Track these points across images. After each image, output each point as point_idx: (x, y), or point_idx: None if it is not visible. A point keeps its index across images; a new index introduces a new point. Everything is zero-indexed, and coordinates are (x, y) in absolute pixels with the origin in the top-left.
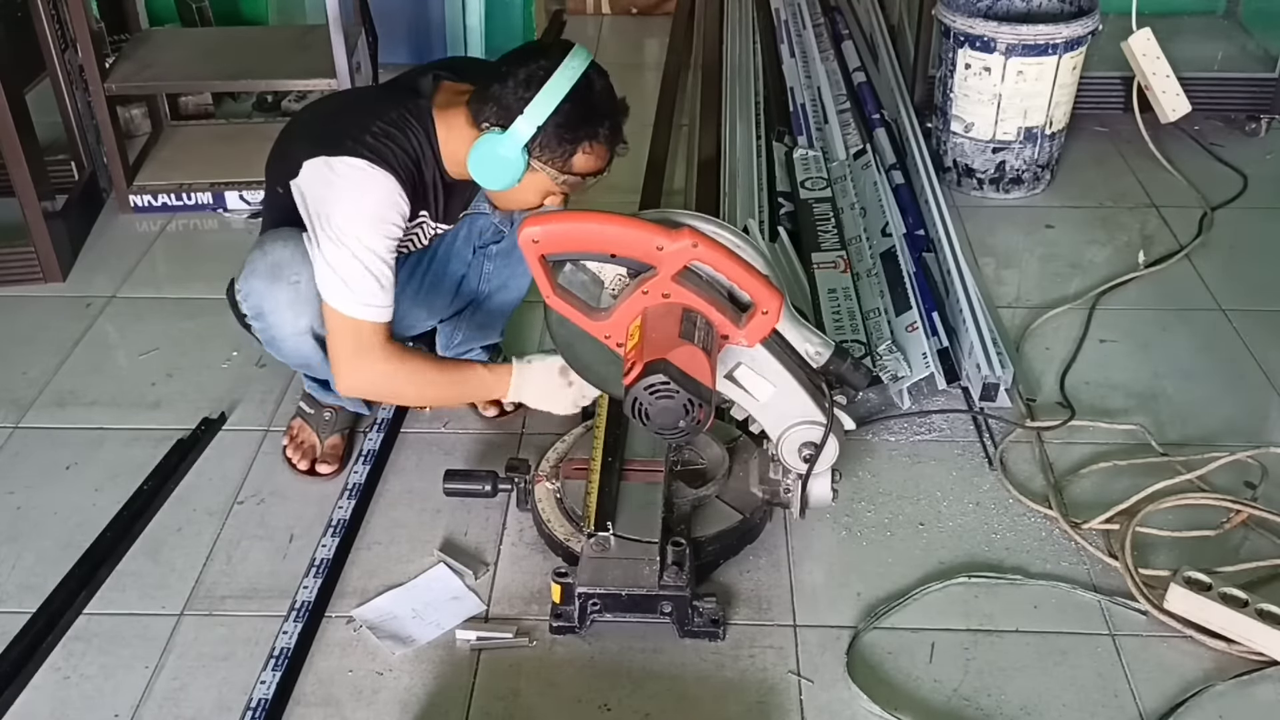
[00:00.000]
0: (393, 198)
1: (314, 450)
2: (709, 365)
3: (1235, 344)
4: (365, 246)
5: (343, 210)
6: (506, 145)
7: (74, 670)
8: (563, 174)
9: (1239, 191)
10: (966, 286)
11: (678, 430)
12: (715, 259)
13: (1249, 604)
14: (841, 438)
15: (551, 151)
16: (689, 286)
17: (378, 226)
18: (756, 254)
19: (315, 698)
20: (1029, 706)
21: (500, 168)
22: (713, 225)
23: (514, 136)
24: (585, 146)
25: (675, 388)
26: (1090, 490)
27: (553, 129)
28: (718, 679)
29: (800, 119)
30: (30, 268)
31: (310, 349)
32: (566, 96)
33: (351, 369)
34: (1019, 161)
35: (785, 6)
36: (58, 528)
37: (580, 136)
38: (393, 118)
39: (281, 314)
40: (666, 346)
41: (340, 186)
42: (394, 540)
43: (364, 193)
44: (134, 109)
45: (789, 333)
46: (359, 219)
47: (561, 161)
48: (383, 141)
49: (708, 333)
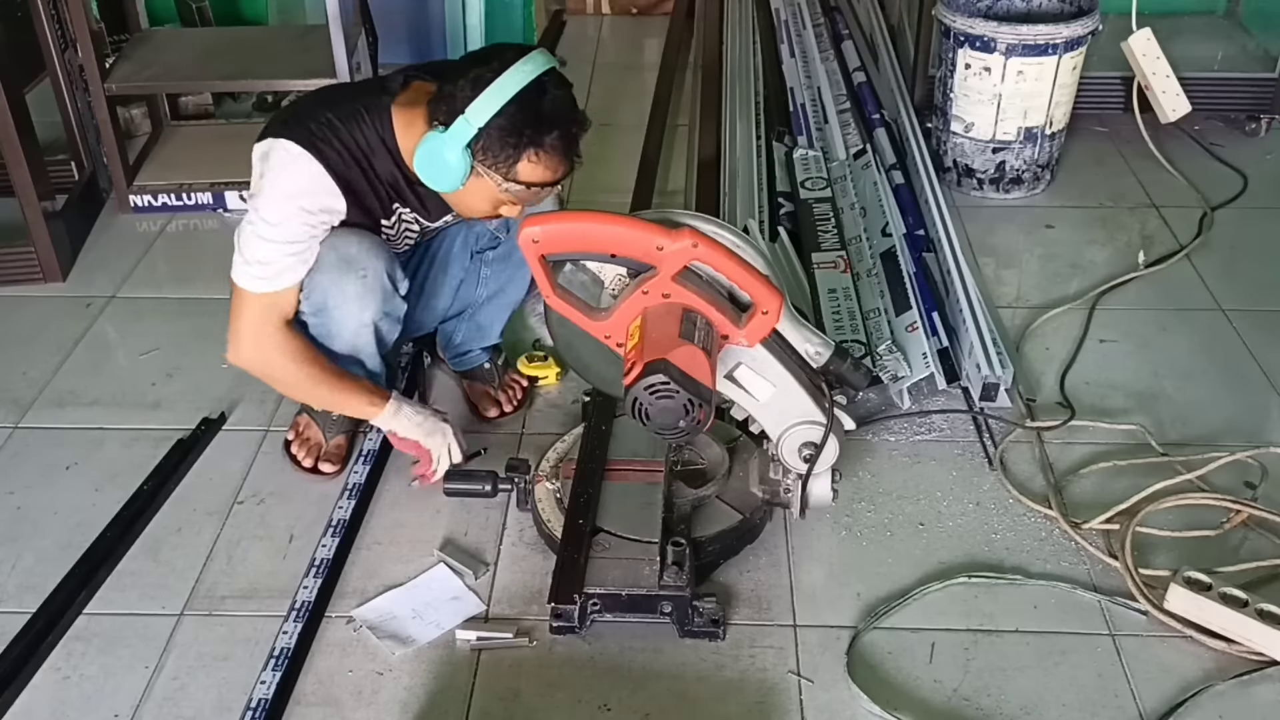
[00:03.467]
0: (315, 184)
1: (319, 448)
2: (709, 365)
3: (1235, 344)
4: (272, 225)
5: (266, 189)
6: (448, 144)
7: (74, 670)
8: (506, 180)
9: (1239, 191)
10: (966, 286)
11: (678, 430)
12: (715, 259)
13: (1249, 604)
14: (841, 438)
15: (494, 155)
16: (689, 286)
17: (293, 210)
18: (756, 254)
19: (315, 698)
20: (1029, 706)
21: (441, 167)
22: (713, 225)
23: (455, 136)
24: (530, 154)
25: (675, 388)
26: (1090, 490)
27: (495, 131)
28: (718, 679)
29: (800, 119)
30: (30, 268)
31: (366, 340)
32: (513, 99)
33: (242, 341)
34: (1019, 161)
35: (785, 6)
36: (58, 528)
37: (524, 142)
38: (344, 110)
39: (348, 307)
40: (667, 346)
41: (268, 166)
42: (394, 540)
43: (286, 176)
44: (134, 109)
45: (789, 333)
46: (275, 199)
47: (505, 167)
48: (324, 129)
49: (708, 333)
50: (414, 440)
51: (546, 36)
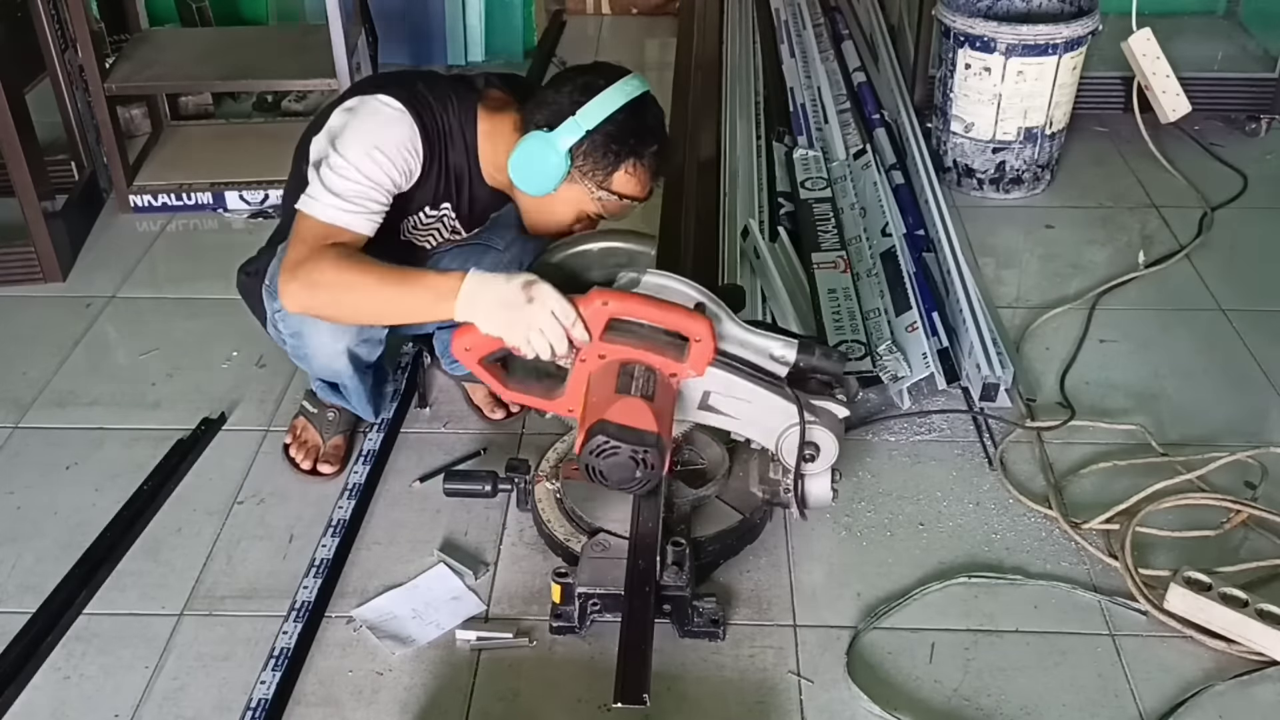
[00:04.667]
0: (406, 140)
1: (317, 450)
2: (652, 411)
3: (1235, 344)
4: (351, 165)
5: (352, 132)
6: (553, 144)
7: (74, 670)
8: (600, 188)
9: (1239, 191)
10: (966, 286)
11: (636, 481)
12: (628, 309)
13: (1249, 604)
14: (840, 433)
15: (595, 161)
16: (620, 340)
17: (377, 155)
18: (680, 282)
19: (315, 698)
20: (1029, 706)
21: (541, 168)
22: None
23: (562, 136)
24: (629, 165)
25: (615, 444)
26: (1090, 490)
27: (602, 136)
28: (718, 679)
29: (800, 119)
30: (30, 268)
31: (342, 365)
32: (623, 108)
33: (296, 270)
34: (1019, 161)
35: (785, 6)
36: (58, 528)
37: (628, 150)
38: (439, 92)
39: (321, 336)
40: (604, 406)
41: (357, 115)
42: (394, 540)
43: (379, 123)
44: (134, 109)
45: (747, 345)
46: (362, 142)
47: (603, 174)
48: (423, 99)
49: (647, 379)
50: (498, 322)
51: (546, 37)
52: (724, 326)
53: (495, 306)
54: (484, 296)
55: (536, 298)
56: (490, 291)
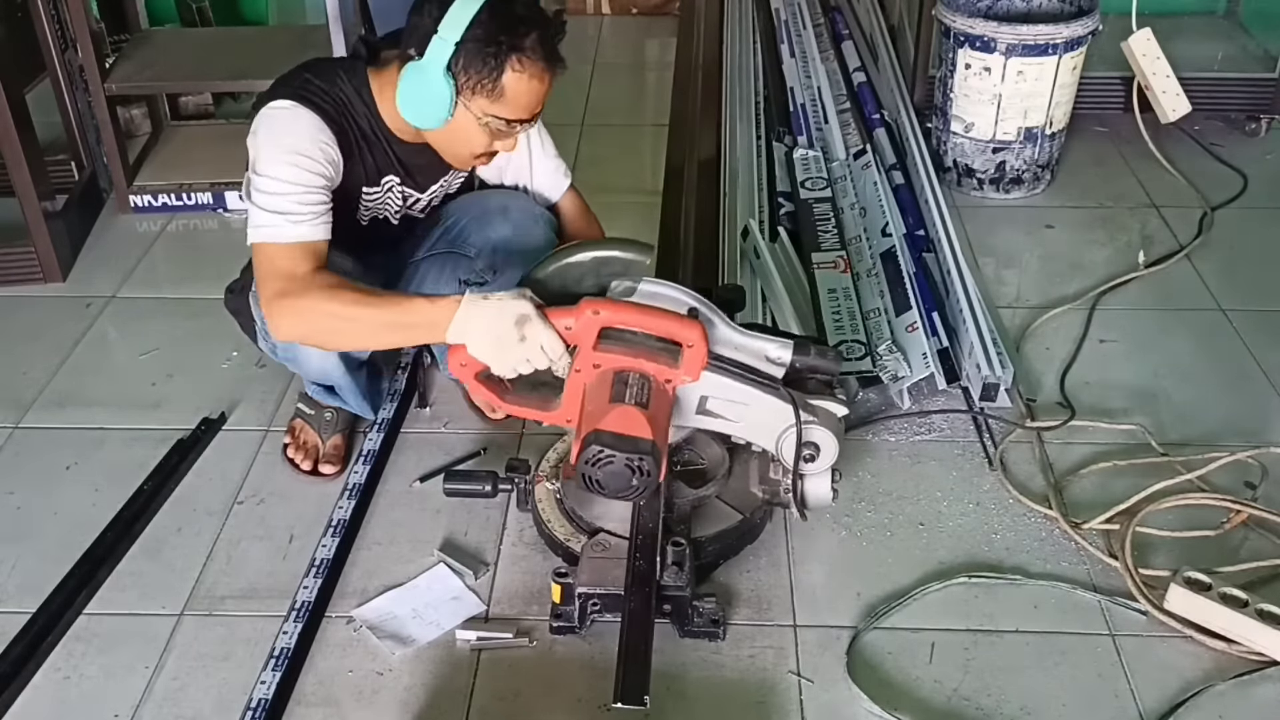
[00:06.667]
0: (311, 131)
1: (317, 450)
2: (646, 418)
3: (1235, 344)
4: (276, 179)
5: (263, 149)
6: (428, 69)
7: (74, 670)
8: (494, 101)
9: (1239, 191)
10: (966, 286)
11: (633, 489)
12: (620, 317)
13: (1249, 604)
14: (840, 432)
15: (478, 71)
16: (613, 349)
17: (293, 159)
18: (672, 288)
19: (315, 698)
20: (1029, 706)
21: (426, 96)
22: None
23: (432, 58)
24: (514, 62)
25: (610, 453)
26: (1090, 490)
27: (473, 45)
28: (718, 679)
29: (800, 119)
30: (30, 268)
31: (333, 365)
32: (483, 7)
33: (282, 306)
34: (1019, 161)
35: (785, 6)
36: (58, 528)
37: (505, 48)
38: (325, 71)
39: (310, 350)
40: (599, 416)
41: (265, 127)
42: (394, 540)
43: (280, 129)
44: (134, 109)
45: (742, 348)
46: (275, 154)
47: (492, 83)
48: (307, 86)
49: (642, 386)
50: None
51: None
52: (717, 330)
53: (486, 338)
54: (476, 325)
55: (529, 337)
56: (483, 322)
